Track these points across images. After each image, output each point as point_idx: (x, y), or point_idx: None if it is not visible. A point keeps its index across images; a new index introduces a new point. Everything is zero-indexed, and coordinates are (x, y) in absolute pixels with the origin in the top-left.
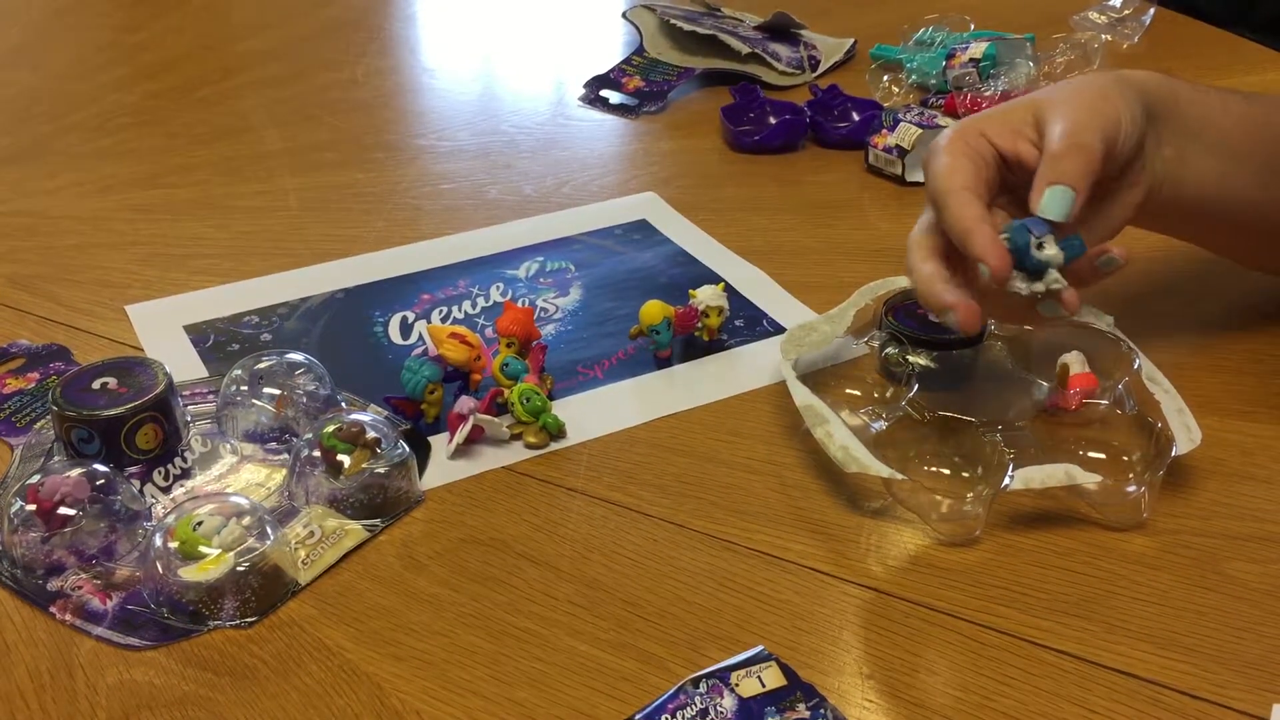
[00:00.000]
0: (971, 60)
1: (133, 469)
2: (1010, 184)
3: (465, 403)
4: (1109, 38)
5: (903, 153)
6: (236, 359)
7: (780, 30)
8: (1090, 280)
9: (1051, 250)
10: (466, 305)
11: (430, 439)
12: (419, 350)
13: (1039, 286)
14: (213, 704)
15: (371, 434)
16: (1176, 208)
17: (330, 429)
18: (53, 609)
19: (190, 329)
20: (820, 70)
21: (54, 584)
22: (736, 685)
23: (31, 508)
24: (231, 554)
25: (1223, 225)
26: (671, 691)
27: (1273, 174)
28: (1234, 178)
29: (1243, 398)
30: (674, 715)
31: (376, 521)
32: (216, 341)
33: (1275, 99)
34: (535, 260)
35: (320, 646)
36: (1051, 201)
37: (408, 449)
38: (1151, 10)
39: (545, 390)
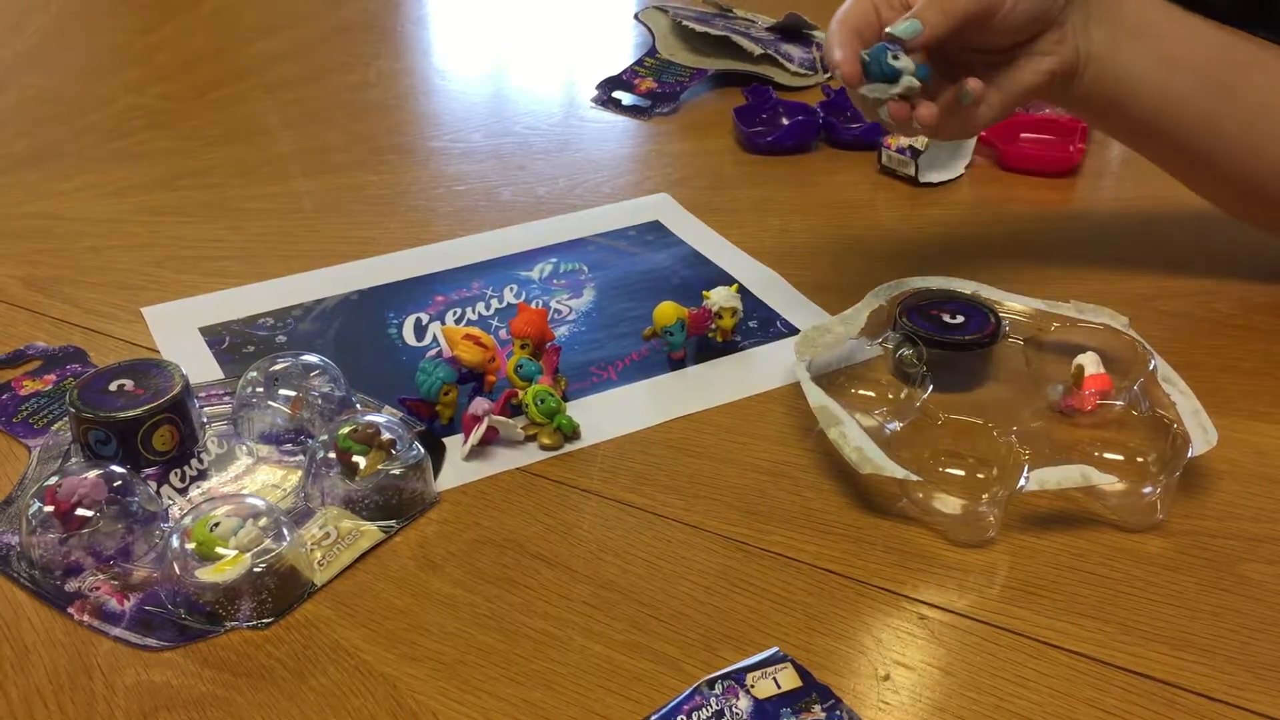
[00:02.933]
0: None
1: (149, 470)
2: None
3: (480, 404)
4: None
5: (916, 153)
6: (252, 361)
7: (792, 31)
8: (956, 114)
9: (904, 61)
10: (480, 307)
11: (445, 440)
12: (433, 352)
13: (895, 90)
14: (230, 704)
15: (386, 435)
16: (1111, 102)
17: (345, 430)
18: (71, 610)
19: (205, 331)
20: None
21: (72, 585)
22: (752, 686)
23: (49, 509)
24: (248, 555)
25: (1171, 140)
26: (687, 693)
27: (1226, 93)
28: (1179, 87)
29: (1259, 399)
30: (689, 716)
31: (392, 523)
32: (232, 343)
33: (1256, 38)
34: (549, 261)
35: (336, 647)
36: (902, 26)
37: (423, 450)
38: None
39: (559, 391)
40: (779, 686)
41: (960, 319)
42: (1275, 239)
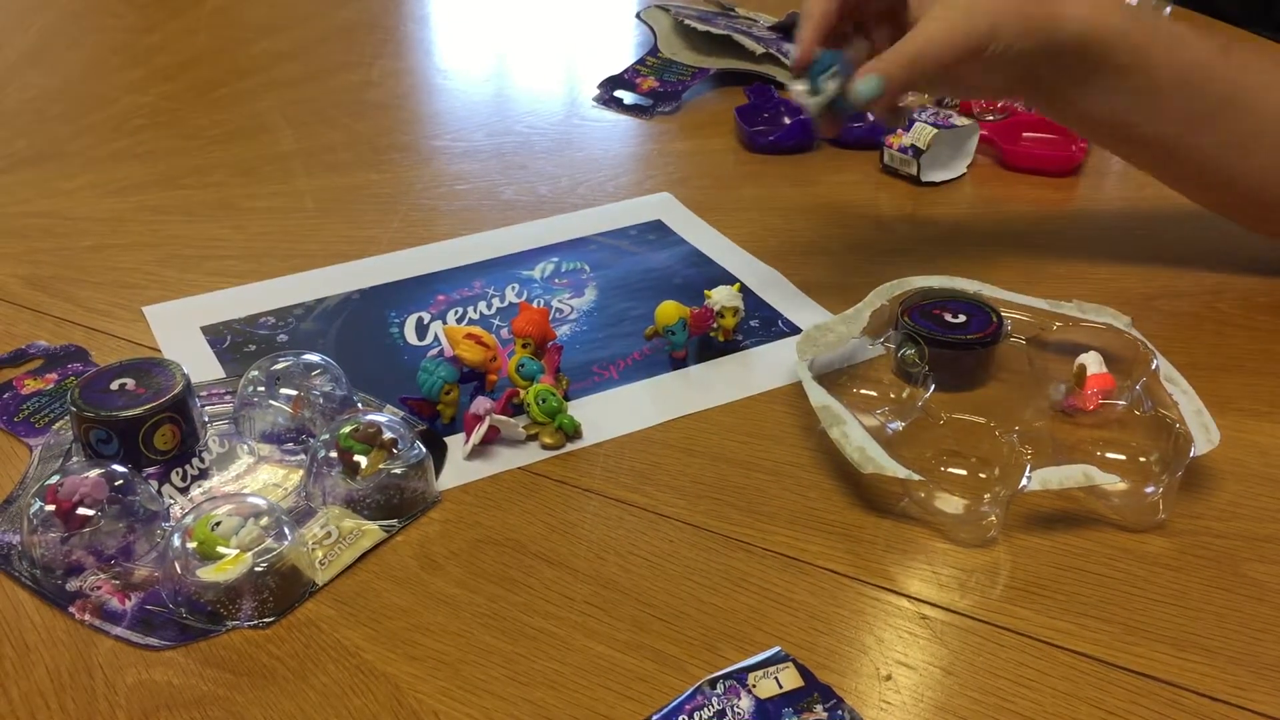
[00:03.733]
0: None
1: (151, 470)
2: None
3: (481, 403)
4: None
5: (918, 153)
6: (253, 360)
7: (794, 30)
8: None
9: (831, 86)
10: (482, 306)
11: (446, 440)
12: (435, 351)
13: (808, 100)
14: (231, 704)
15: (388, 435)
16: (1088, 123)
17: (347, 430)
18: (72, 609)
19: (207, 330)
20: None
21: (73, 584)
22: (754, 686)
23: (50, 508)
24: (249, 554)
25: (1153, 155)
26: (688, 692)
27: (1202, 121)
28: (1146, 112)
29: (1261, 398)
30: (691, 716)
31: (393, 522)
32: (233, 342)
33: (1250, 44)
34: (550, 261)
35: (338, 647)
36: (863, 85)
37: (424, 450)
38: (1168, 10)
39: (561, 391)
40: (781, 686)
41: (962, 318)
42: (1271, 239)
